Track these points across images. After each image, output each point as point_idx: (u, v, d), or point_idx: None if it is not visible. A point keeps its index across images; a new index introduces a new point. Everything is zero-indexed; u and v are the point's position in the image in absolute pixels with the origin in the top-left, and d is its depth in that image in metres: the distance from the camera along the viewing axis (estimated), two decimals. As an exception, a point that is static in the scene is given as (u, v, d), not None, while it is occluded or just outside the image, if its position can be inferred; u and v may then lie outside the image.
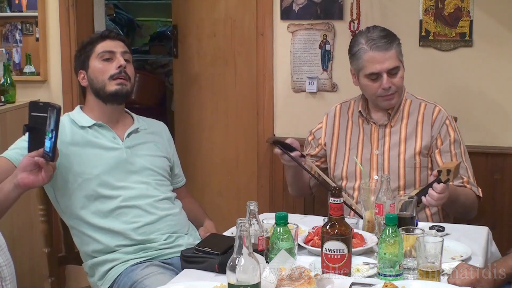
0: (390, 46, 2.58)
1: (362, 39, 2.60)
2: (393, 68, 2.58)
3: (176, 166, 2.70)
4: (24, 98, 3.76)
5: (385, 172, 2.63)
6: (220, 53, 4.00)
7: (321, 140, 2.79)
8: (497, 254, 2.36)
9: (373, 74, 2.58)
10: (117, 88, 2.46)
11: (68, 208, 2.42)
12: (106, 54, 2.48)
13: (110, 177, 2.41)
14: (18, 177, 2.07)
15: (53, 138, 2.02)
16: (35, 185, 2.10)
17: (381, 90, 2.59)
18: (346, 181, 2.70)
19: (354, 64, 2.65)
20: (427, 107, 2.68)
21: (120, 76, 2.47)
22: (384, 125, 2.68)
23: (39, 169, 2.08)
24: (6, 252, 1.71)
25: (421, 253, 1.84)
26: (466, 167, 2.63)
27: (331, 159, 2.76)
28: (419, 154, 2.62)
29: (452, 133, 2.64)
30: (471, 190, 2.61)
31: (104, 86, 2.46)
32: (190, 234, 2.53)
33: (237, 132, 4.00)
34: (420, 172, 2.62)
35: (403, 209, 2.14)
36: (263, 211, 2.53)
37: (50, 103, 2.10)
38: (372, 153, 2.67)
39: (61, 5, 3.76)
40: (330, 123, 2.79)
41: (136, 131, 2.56)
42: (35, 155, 2.06)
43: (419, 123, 2.65)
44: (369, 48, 2.57)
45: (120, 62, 2.48)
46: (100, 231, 2.40)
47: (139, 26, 7.34)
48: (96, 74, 2.47)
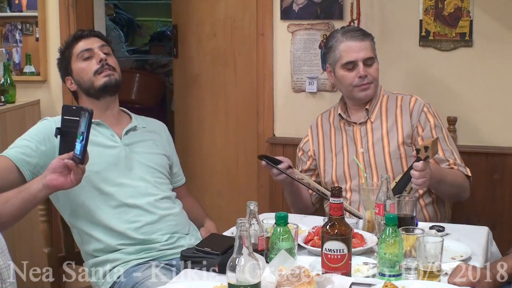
0: (365, 37, 2.69)
1: (338, 33, 2.72)
2: (368, 58, 2.66)
3: (175, 165, 2.70)
4: (24, 98, 3.77)
5: (372, 168, 2.66)
6: (220, 53, 4.01)
7: (310, 152, 2.83)
8: (497, 254, 2.36)
9: (349, 63, 2.65)
10: (105, 80, 2.48)
11: (68, 206, 2.42)
12: (85, 53, 2.50)
13: (109, 175, 2.41)
14: (47, 178, 2.07)
15: (84, 141, 2.03)
16: (64, 187, 2.10)
17: (357, 79, 2.65)
18: (337, 184, 2.71)
19: (330, 58, 2.72)
20: (404, 98, 2.73)
21: (104, 69, 2.48)
22: (364, 122, 2.72)
23: (69, 172, 2.08)
24: (7, 254, 1.71)
25: (421, 253, 1.84)
26: (451, 149, 2.67)
27: (320, 167, 2.79)
28: (402, 144, 2.65)
29: (431, 119, 2.67)
30: (459, 170, 2.64)
31: (92, 83, 2.48)
32: (192, 235, 2.53)
33: (237, 132, 4.00)
34: (406, 162, 2.65)
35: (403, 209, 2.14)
36: (263, 211, 2.54)
37: (82, 107, 2.11)
38: (358, 152, 2.71)
39: (61, 5, 3.76)
40: (315, 134, 2.85)
41: (134, 129, 2.57)
42: (66, 158, 2.07)
43: (398, 115, 2.70)
44: (345, 39, 2.66)
45: (100, 56, 2.49)
46: (100, 230, 2.40)
47: (139, 26, 7.34)
48: (81, 75, 2.49)
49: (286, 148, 3.53)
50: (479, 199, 3.16)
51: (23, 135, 2.41)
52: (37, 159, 2.34)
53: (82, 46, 2.50)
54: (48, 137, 2.37)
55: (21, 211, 2.09)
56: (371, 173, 2.66)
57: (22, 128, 2.43)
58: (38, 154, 2.34)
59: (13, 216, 2.07)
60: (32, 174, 2.32)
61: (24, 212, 2.11)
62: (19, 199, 2.07)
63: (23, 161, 2.31)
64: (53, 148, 2.37)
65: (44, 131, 2.39)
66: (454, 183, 2.61)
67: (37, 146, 2.35)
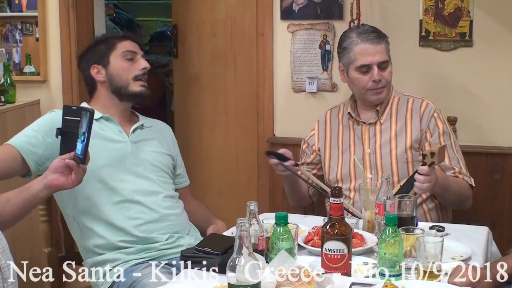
0: (380, 40, 2.65)
1: (353, 33, 2.67)
2: (383, 61, 2.64)
3: (179, 166, 2.71)
4: (24, 98, 3.76)
5: (378, 169, 2.65)
6: (220, 53, 4.01)
7: (315, 147, 2.82)
8: (497, 254, 2.37)
9: (364, 66, 2.62)
10: (141, 90, 2.53)
11: (71, 199, 2.42)
12: (129, 54, 2.53)
13: (114, 169, 2.42)
14: (48, 178, 2.07)
15: (85, 141, 2.04)
16: (65, 187, 2.10)
17: (371, 83, 2.63)
18: (342, 183, 2.71)
19: (344, 58, 2.68)
20: (415, 102, 2.71)
21: (143, 78, 2.53)
22: (374, 123, 2.70)
23: (70, 172, 2.08)
24: (8, 254, 1.71)
25: (421, 253, 1.85)
26: (457, 158, 2.66)
27: (325, 163, 2.77)
28: (410, 148, 2.64)
29: (440, 125, 2.66)
30: (464, 180, 2.63)
31: (128, 85, 2.50)
32: (192, 235, 2.53)
33: (237, 132, 4.00)
34: (412, 166, 2.64)
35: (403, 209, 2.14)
36: (263, 211, 2.54)
37: (83, 107, 2.12)
38: (365, 152, 2.69)
39: (61, 5, 3.76)
40: (322, 129, 2.82)
41: (141, 127, 2.60)
42: (67, 158, 2.07)
43: (408, 118, 2.68)
44: (361, 41, 2.63)
45: (145, 64, 2.54)
46: (102, 224, 2.40)
47: (139, 26, 7.32)
48: (120, 72, 2.51)
49: (286, 148, 3.52)
50: (479, 199, 3.15)
51: (30, 125, 2.41)
52: (43, 150, 2.34)
53: (129, 46, 2.54)
54: (55, 129, 2.37)
55: (21, 211, 2.09)
56: (376, 175, 2.65)
57: (22, 128, 2.42)
58: (44, 145, 2.34)
59: (13, 216, 2.07)
60: (37, 165, 2.33)
61: (25, 212, 2.11)
62: (20, 199, 2.08)
63: (28, 151, 2.31)
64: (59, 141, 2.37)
65: (52, 123, 2.38)
66: (458, 192, 2.60)
67: (44, 137, 2.35)
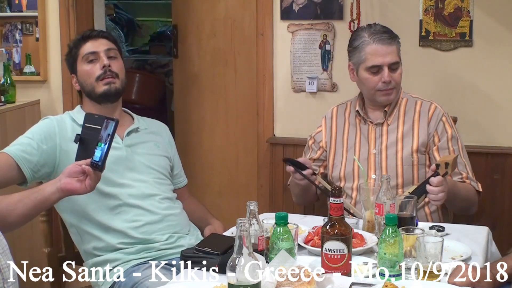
0: (392, 41, 2.63)
1: (365, 33, 2.64)
2: (394, 62, 2.62)
3: (176, 166, 2.70)
4: (24, 98, 3.76)
5: (383, 170, 2.64)
6: (220, 53, 4.01)
7: (322, 143, 2.80)
8: (497, 254, 2.36)
9: (375, 67, 2.60)
10: (105, 89, 2.47)
11: (68, 205, 2.42)
12: (90, 56, 2.48)
13: (110, 174, 2.41)
14: (62, 181, 2.07)
15: (106, 149, 2.04)
16: (78, 192, 2.09)
17: (381, 83, 2.61)
18: (345, 182, 2.70)
19: (354, 58, 2.66)
20: (423, 104, 2.69)
21: (106, 76, 2.47)
22: (381, 123, 2.69)
23: (84, 178, 2.08)
24: (8, 255, 1.71)
25: (421, 253, 1.84)
26: (464, 163, 2.64)
27: (329, 160, 2.76)
28: (416, 151, 2.63)
29: (449, 130, 2.65)
30: (471, 185, 2.63)
31: (93, 88, 2.47)
32: (192, 234, 2.53)
33: (237, 132, 4.00)
34: (418, 169, 2.62)
35: (403, 209, 2.14)
36: (263, 211, 2.53)
37: (107, 116, 2.12)
38: (370, 152, 2.68)
39: (61, 5, 3.76)
40: (328, 125, 2.80)
41: (136, 130, 2.57)
42: (83, 163, 2.07)
43: (415, 121, 2.66)
44: (372, 41, 2.60)
45: (103, 62, 2.47)
46: (100, 229, 2.40)
47: (139, 26, 7.33)
48: (84, 78, 2.49)
49: (286, 148, 3.53)
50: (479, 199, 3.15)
51: (25, 133, 2.41)
52: (38, 158, 2.34)
53: (89, 48, 2.49)
54: (50, 135, 2.37)
55: (32, 212, 2.09)
56: (381, 176, 2.62)
57: (22, 128, 2.43)
58: (39, 153, 2.34)
59: (23, 216, 2.07)
60: (33, 172, 2.33)
61: (35, 213, 2.11)
62: (32, 199, 2.07)
63: (23, 159, 2.31)
64: (54, 147, 2.37)
65: (46, 129, 2.39)
66: (466, 197, 2.59)
67: (39, 145, 2.35)
